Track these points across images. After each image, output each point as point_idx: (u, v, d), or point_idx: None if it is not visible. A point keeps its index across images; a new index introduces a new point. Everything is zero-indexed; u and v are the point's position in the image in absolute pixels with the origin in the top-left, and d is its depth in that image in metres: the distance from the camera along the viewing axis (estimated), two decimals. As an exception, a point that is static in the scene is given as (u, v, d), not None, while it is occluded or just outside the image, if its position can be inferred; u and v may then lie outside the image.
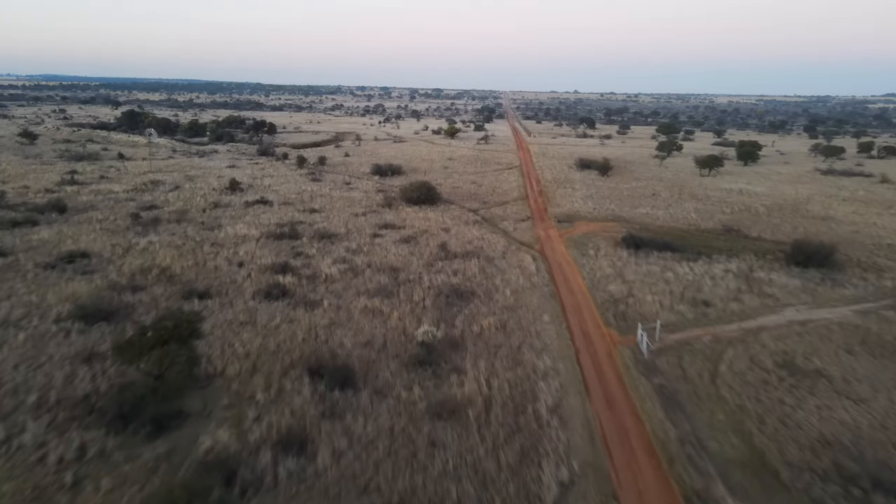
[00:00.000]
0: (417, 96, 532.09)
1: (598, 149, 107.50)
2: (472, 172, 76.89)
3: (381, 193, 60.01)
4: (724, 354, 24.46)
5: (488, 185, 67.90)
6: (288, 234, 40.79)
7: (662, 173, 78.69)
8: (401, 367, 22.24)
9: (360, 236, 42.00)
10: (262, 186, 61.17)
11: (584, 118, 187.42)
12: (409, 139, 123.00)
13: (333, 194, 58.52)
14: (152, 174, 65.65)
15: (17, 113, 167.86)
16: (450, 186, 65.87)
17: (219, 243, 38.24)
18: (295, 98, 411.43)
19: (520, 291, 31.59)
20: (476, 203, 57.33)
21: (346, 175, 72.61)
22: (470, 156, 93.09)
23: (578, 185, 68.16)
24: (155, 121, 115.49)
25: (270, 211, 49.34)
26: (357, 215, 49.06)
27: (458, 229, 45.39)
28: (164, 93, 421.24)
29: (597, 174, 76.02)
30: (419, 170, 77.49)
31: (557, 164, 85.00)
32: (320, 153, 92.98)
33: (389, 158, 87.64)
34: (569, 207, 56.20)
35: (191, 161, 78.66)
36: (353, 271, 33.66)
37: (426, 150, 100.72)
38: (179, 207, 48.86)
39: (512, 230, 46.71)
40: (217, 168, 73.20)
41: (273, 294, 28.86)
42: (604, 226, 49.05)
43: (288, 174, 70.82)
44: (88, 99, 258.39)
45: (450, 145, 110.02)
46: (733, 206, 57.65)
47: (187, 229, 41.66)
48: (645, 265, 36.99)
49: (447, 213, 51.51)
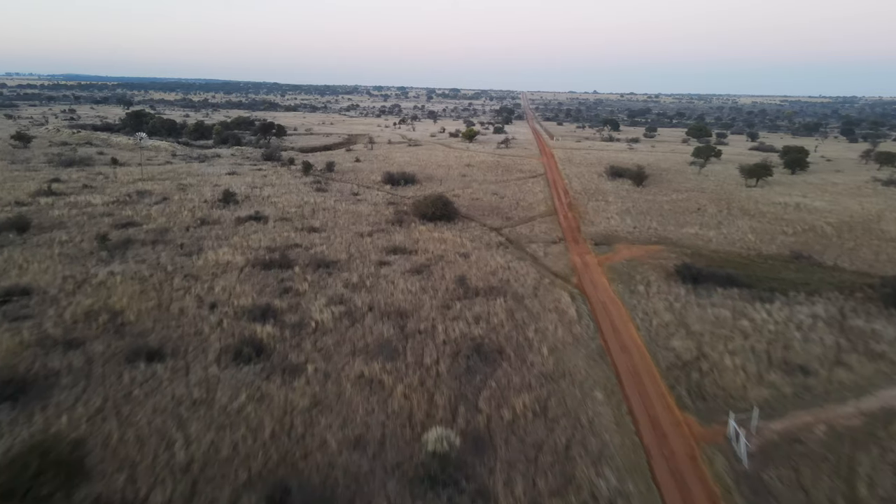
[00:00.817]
0: (434, 96, 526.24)
1: (626, 154, 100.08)
2: (493, 181, 70.12)
3: (391, 207, 53.57)
4: (855, 463, 17.53)
5: (511, 196, 61.10)
6: (278, 262, 34.44)
7: (703, 183, 71.21)
8: (403, 488, 15.67)
9: (364, 264, 35.51)
10: (259, 198, 55.05)
11: (607, 120, 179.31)
12: (424, 142, 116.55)
13: (338, 207, 52.19)
14: (142, 183, 59.90)
15: (26, 113, 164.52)
16: (468, 198, 59.24)
17: (193, 275, 32.00)
18: (311, 98, 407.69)
19: (560, 349, 24.84)
20: (498, 219, 50.60)
21: (355, 184, 66.30)
22: (490, 162, 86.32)
23: (612, 198, 61.07)
24: (159, 122, 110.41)
25: (263, 230, 43.08)
26: (362, 235, 42.61)
27: (480, 255, 38.71)
28: (181, 92, 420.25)
29: (630, 184, 68.82)
30: (434, 178, 70.96)
31: (586, 172, 77.88)
32: (329, 158, 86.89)
33: (403, 164, 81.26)
34: (604, 226, 49.23)
35: (189, 167, 72.95)
36: (351, 316, 27.16)
37: (442, 154, 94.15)
38: (160, 225, 42.81)
39: (542, 255, 39.91)
40: (215, 175, 67.35)
41: (244, 354, 22.45)
42: (648, 250, 42.06)
43: (291, 183, 64.69)
44: (102, 99, 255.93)
45: (468, 149, 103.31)
46: (794, 224, 50.19)
47: (161, 254, 35.51)
48: (710, 307, 30.03)
49: (466, 233, 44.87)
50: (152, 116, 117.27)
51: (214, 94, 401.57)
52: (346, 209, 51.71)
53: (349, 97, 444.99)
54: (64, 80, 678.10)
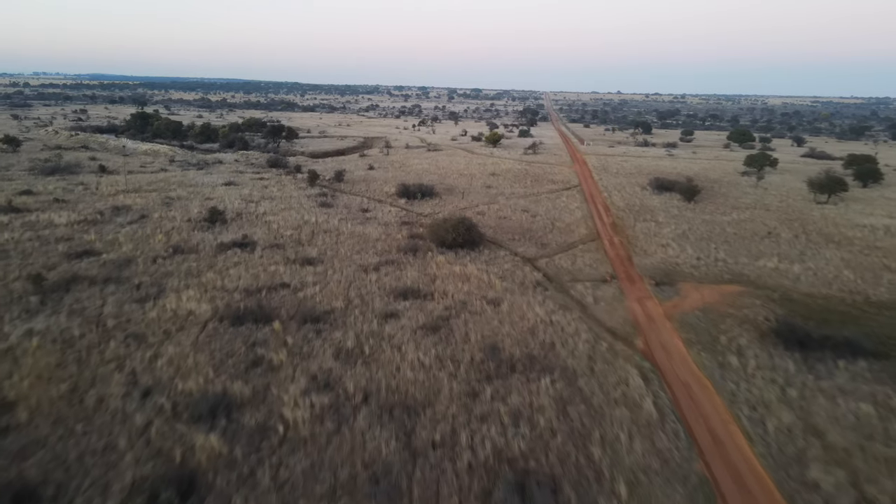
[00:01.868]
0: (456, 97, 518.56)
1: (667, 162, 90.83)
2: (522, 195, 61.77)
3: (404, 228, 45.65)
4: None
5: (544, 214, 52.72)
6: (254, 314, 26.66)
7: (764, 198, 61.95)
8: None
9: (365, 316, 27.57)
10: (252, 216, 47.53)
11: (638, 122, 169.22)
12: (444, 146, 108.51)
13: (342, 229, 44.41)
14: (124, 195, 52.82)
15: (36, 113, 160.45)
16: (495, 216, 51.08)
17: (139, 334, 24.34)
18: (330, 98, 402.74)
19: (644, 483, 16.57)
20: (532, 246, 42.34)
21: (366, 196, 58.55)
22: (517, 170, 77.92)
23: (662, 217, 52.35)
24: (163, 125, 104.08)
25: (248, 261, 35.41)
26: (367, 270, 34.68)
27: (513, 301, 30.51)
28: (201, 92, 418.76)
29: (680, 199, 59.93)
30: (455, 190, 62.89)
31: (626, 184, 69.08)
32: (341, 164, 79.39)
33: (420, 173, 73.34)
34: (661, 256, 40.66)
35: (184, 175, 65.88)
36: (338, 414, 19.21)
37: (464, 161, 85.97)
38: (123, 255, 35.37)
39: (592, 302, 31.57)
40: (210, 185, 60.13)
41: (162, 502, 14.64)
42: (724, 292, 33.47)
43: (293, 195, 57.15)
44: (118, 98, 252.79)
45: (492, 155, 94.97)
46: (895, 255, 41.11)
47: (108, 300, 27.96)
48: (840, 396, 21.49)
49: (494, 265, 36.70)
50: (158, 118, 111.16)
51: (234, 94, 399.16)
52: (351, 231, 43.88)
53: (369, 97, 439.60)
54: (89, 79, 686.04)
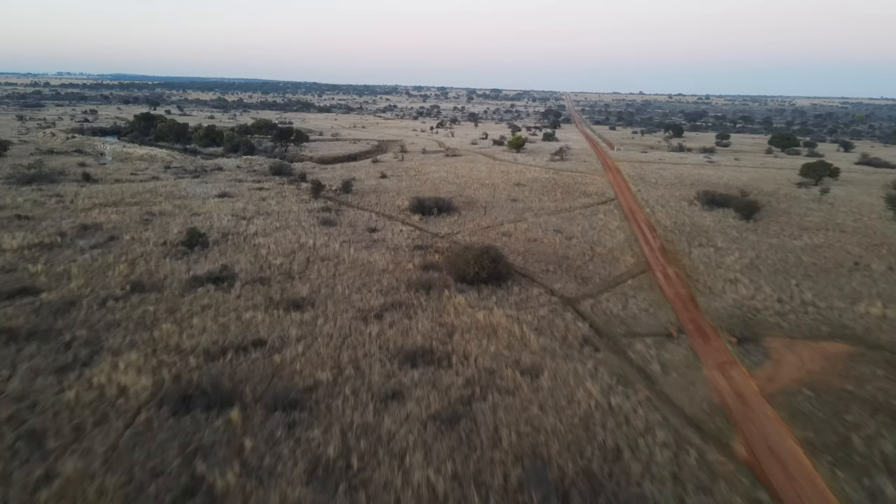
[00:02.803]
0: (475, 97, 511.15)
1: (710, 170, 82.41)
2: (553, 210, 54.18)
3: (417, 254, 38.47)
4: None
5: (581, 236, 45.12)
6: (208, 395, 19.64)
7: (835, 216, 53.57)
8: None
9: (358, 399, 20.38)
10: (241, 237, 40.70)
11: (669, 125, 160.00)
12: (464, 151, 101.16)
13: (344, 255, 37.35)
14: (99, 210, 46.44)
15: (46, 113, 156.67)
16: (523, 238, 43.67)
17: (37, 433, 17.43)
18: (348, 98, 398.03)
19: None
20: (571, 279, 34.84)
21: (375, 212, 51.51)
22: (544, 180, 70.29)
23: (721, 240, 44.46)
24: (166, 127, 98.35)
25: (220, 303, 28.48)
26: (367, 318, 27.50)
27: (556, 370, 23.11)
28: (219, 92, 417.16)
29: (736, 216, 51.90)
30: (477, 203, 55.55)
31: (669, 197, 61.09)
32: (351, 171, 72.58)
33: (437, 182, 66.14)
34: (732, 295, 32.87)
35: (175, 185, 59.48)
36: None
37: (486, 169, 78.52)
38: (70, 293, 28.68)
39: (658, 370, 24.00)
40: (202, 197, 53.58)
41: None
42: (826, 353, 25.71)
43: (293, 210, 50.33)
44: (132, 98, 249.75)
45: (516, 162, 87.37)
46: None
47: (19, 370, 21.12)
48: None
49: (526, 311, 29.31)
50: (162, 119, 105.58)
51: (251, 94, 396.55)
52: (353, 259, 36.78)
53: (387, 97, 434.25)
54: (111, 79, 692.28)
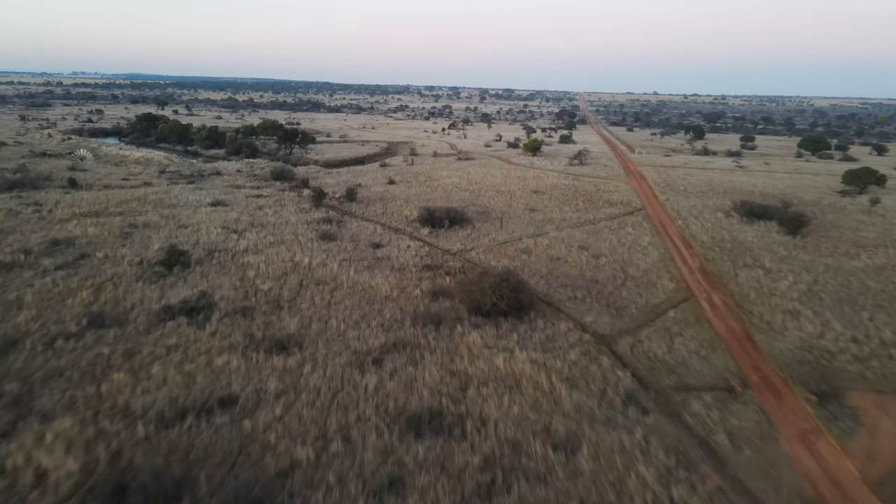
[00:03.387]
0: (487, 97, 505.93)
1: (740, 176, 77.02)
2: (576, 222, 49.33)
3: (426, 276, 33.87)
4: None
5: (610, 254, 40.24)
6: (148, 485, 15.11)
7: (892, 230, 48.25)
8: None
9: (344, 487, 15.77)
10: (229, 254, 36.31)
11: (689, 126, 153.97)
12: (477, 154, 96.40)
13: (342, 278, 32.83)
14: (77, 221, 42.30)
15: (51, 113, 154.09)
16: (545, 256, 38.91)
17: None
18: (359, 98, 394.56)
19: None
20: (603, 309, 30.03)
21: (380, 223, 47.01)
22: (564, 187, 65.39)
23: (768, 260, 39.38)
24: (167, 129, 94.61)
25: (191, 342, 24.04)
26: (364, 365, 22.91)
27: (597, 443, 18.37)
28: (230, 91, 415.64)
29: (779, 230, 46.76)
30: (491, 213, 50.85)
31: (701, 207, 55.97)
32: (357, 176, 68.20)
33: (449, 190, 61.50)
34: (796, 332, 27.91)
35: (167, 192, 55.35)
36: None
37: (501, 174, 73.70)
38: (14, 328, 24.35)
39: (726, 443, 19.16)
40: (193, 206, 49.38)
41: None
42: (929, 417, 20.77)
43: (291, 221, 45.95)
44: (140, 98, 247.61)
45: (532, 166, 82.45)
46: None
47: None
48: None
49: (554, 353, 24.57)
50: (165, 120, 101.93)
51: (262, 94, 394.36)
52: (353, 283, 32.24)
53: (399, 97, 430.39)
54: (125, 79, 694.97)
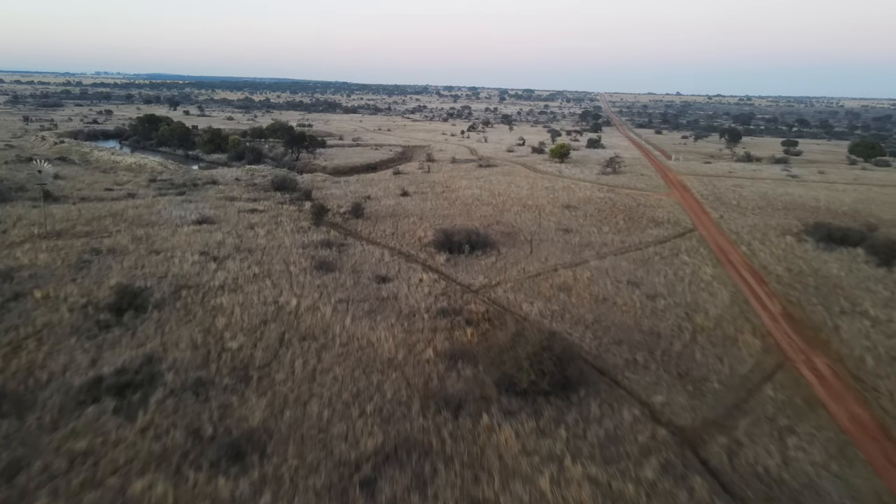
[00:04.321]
0: (507, 97, 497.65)
1: (796, 187, 68.67)
2: (619, 246, 41.73)
3: (442, 325, 26.65)
4: None
5: (667, 292, 32.59)
6: None
7: None
8: None
9: None
10: (201, 292, 29.51)
11: (724, 129, 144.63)
12: (499, 160, 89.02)
13: (335, 329, 25.76)
14: (31, 246, 35.86)
15: (59, 114, 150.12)
16: (588, 296, 31.45)
17: None
18: (377, 98, 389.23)
19: None
20: (674, 382, 22.48)
21: (389, 247, 39.97)
22: (599, 200, 57.80)
23: (868, 302, 31.43)
24: (168, 132, 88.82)
25: (109, 447, 17.11)
26: (346, 487, 15.78)
27: None
28: (247, 91, 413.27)
29: (868, 261, 38.75)
30: (519, 235, 43.52)
31: (763, 227, 48.02)
32: (367, 185, 61.36)
33: (469, 203, 54.30)
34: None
35: (151, 205, 48.98)
36: None
37: (527, 185, 66.28)
38: None
39: None
40: (175, 224, 42.83)
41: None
42: None
43: (284, 244, 39.10)
44: (153, 98, 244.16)
45: (561, 175, 74.85)
46: None
47: None
48: None
49: (620, 465, 17.17)
50: (168, 122, 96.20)
51: (280, 94, 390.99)
52: (349, 337, 25.15)
53: (417, 98, 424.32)
54: (146, 79, 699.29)
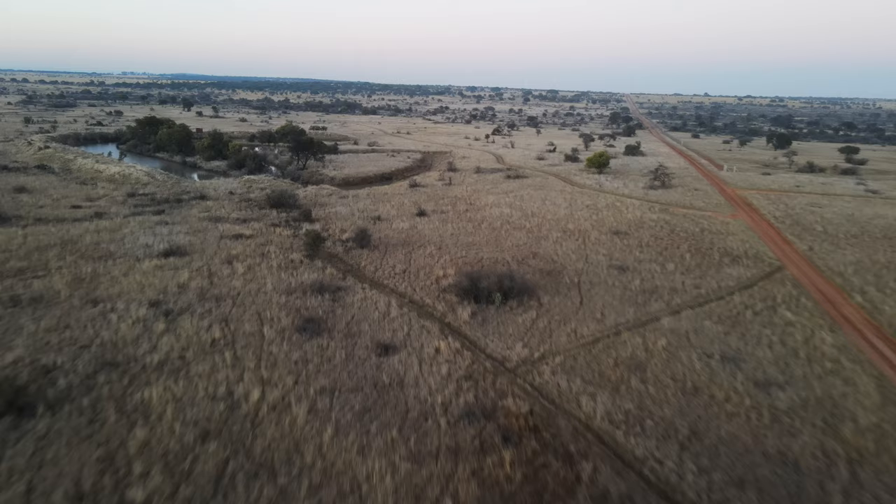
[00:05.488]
0: (531, 98, 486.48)
1: (883, 206, 58.21)
2: (695, 297, 32.16)
3: (468, 436, 17.66)
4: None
5: (785, 378, 23.07)
6: None
7: None
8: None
9: None
10: (129, 375, 20.96)
11: (774, 134, 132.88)
12: (529, 170, 79.66)
13: (306, 450, 16.98)
14: (-66, 292, 27.88)
15: (68, 115, 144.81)
16: (670, 381, 22.12)
17: None
18: (398, 99, 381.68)
19: None
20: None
21: (398, 291, 31.11)
22: (653, 224, 48.24)
23: None
24: (165, 136, 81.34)
25: None
26: None
27: None
28: (268, 91, 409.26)
29: None
30: (563, 273, 34.28)
31: (871, 265, 38.01)
32: (379, 202, 52.68)
33: (498, 226, 45.22)
34: None
35: (115, 230, 40.88)
36: None
37: (564, 201, 56.91)
38: None
39: None
40: (134, 258, 34.59)
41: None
42: None
43: (265, 288, 30.46)
44: (168, 98, 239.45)
45: (601, 189, 65.23)
46: None
47: None
48: None
49: None
50: (170, 125, 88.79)
51: (300, 94, 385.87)
52: (324, 472, 16.27)
53: (439, 98, 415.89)
54: (170, 79, 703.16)
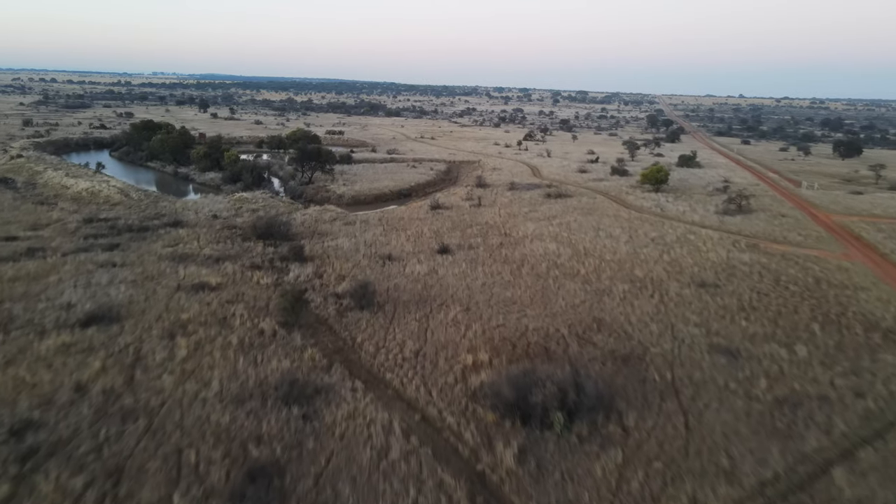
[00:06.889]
0: (561, 99, 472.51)
1: None
2: (859, 409, 20.90)
3: None
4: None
5: None
6: None
7: None
8: None
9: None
10: None
11: (841, 142, 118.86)
12: (572, 186, 68.36)
13: None
14: None
15: (78, 116, 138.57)
16: None
17: None
18: (424, 100, 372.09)
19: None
20: None
21: (404, 396, 20.64)
22: (747, 268, 36.80)
23: None
24: (157, 143, 72.50)
25: None
26: None
27: None
28: (292, 91, 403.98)
29: None
30: (644, 358, 23.38)
31: None
32: (391, 231, 42.32)
33: (543, 270, 34.30)
34: None
35: (36, 279, 31.27)
36: None
37: (623, 231, 45.72)
38: None
39: None
40: (33, 332, 24.81)
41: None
42: None
43: (209, 389, 20.26)
44: (186, 99, 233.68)
45: (664, 214, 53.74)
46: None
47: None
48: None
49: None
50: (168, 130, 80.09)
51: (324, 95, 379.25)
52: None
53: (466, 99, 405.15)
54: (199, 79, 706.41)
